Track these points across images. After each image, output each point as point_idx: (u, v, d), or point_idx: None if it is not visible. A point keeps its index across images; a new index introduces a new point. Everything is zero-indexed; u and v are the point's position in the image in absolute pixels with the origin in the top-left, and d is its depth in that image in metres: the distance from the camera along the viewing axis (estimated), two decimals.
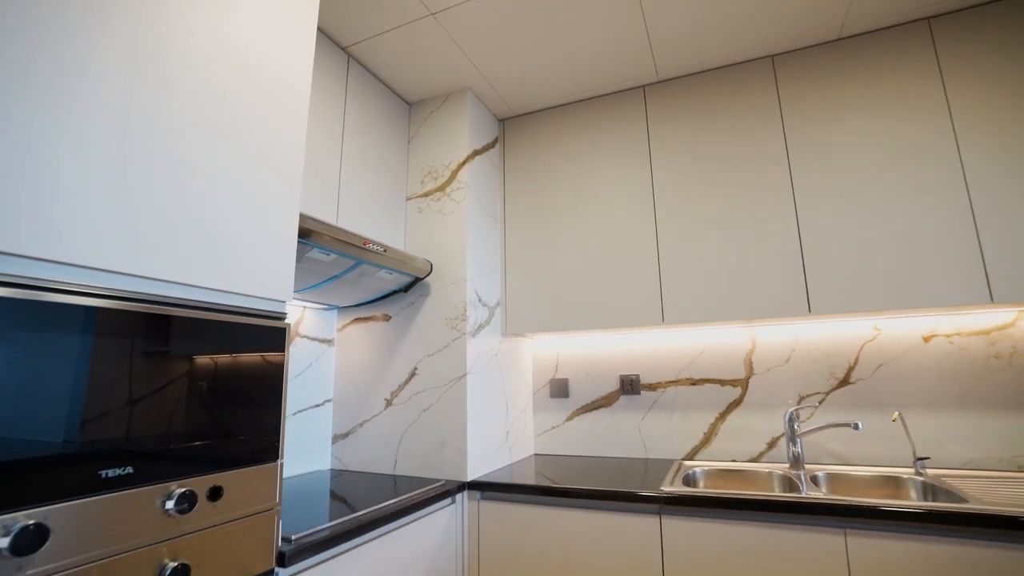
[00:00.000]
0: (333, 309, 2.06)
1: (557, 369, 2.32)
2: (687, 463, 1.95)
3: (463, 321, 1.86)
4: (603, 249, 2.01)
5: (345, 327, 2.05)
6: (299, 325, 1.88)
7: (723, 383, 2.04)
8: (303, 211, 1.48)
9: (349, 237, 1.46)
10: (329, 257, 1.48)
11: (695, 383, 2.08)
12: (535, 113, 2.25)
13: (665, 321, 1.87)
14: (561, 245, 2.09)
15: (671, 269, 1.89)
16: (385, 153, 1.99)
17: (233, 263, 1.00)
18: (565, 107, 2.20)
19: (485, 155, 2.15)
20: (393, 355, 1.95)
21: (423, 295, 1.95)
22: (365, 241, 1.52)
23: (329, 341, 2.02)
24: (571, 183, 2.12)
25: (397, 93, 2.09)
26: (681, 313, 1.85)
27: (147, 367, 0.83)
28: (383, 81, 2.01)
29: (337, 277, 1.64)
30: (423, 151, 2.09)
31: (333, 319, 2.05)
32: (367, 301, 2.00)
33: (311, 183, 1.64)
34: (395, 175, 2.04)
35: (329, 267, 1.54)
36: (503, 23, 1.69)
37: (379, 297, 1.98)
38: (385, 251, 1.62)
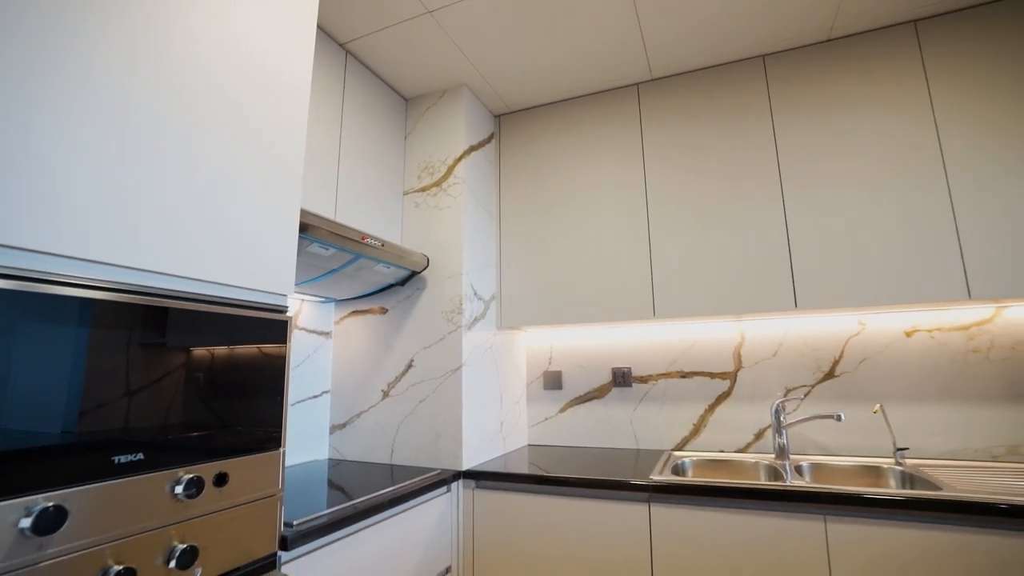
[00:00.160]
0: (330, 302, 2.09)
1: (551, 361, 2.37)
2: (677, 453, 2.00)
3: (459, 314, 1.90)
4: (596, 244, 2.05)
5: (342, 320, 2.08)
6: (297, 318, 1.91)
7: (712, 376, 2.09)
8: (303, 206, 1.51)
9: (348, 232, 1.49)
10: (328, 251, 1.51)
11: (685, 376, 2.13)
12: (531, 109, 2.28)
13: (656, 315, 1.91)
14: (555, 240, 2.12)
15: (663, 264, 1.93)
16: (382, 148, 2.02)
17: (237, 258, 1.04)
18: (560, 104, 2.23)
19: (481, 151, 2.18)
20: (390, 347, 1.98)
21: (420, 289, 1.99)
22: (363, 236, 1.56)
23: (327, 333, 2.05)
24: (565, 179, 2.15)
25: (394, 88, 2.11)
26: (672, 307, 1.90)
27: (155, 358, 0.86)
28: (380, 77, 2.03)
29: (336, 271, 1.67)
30: (420, 146, 2.12)
31: (331, 312, 2.09)
32: (364, 294, 2.03)
33: (310, 177, 1.66)
34: (392, 170, 2.07)
35: (328, 261, 1.58)
36: (499, 21, 1.72)
37: (376, 290, 2.01)
38: (383, 246, 1.65)
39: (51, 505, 0.69)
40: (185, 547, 0.86)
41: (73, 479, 0.73)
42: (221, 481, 0.95)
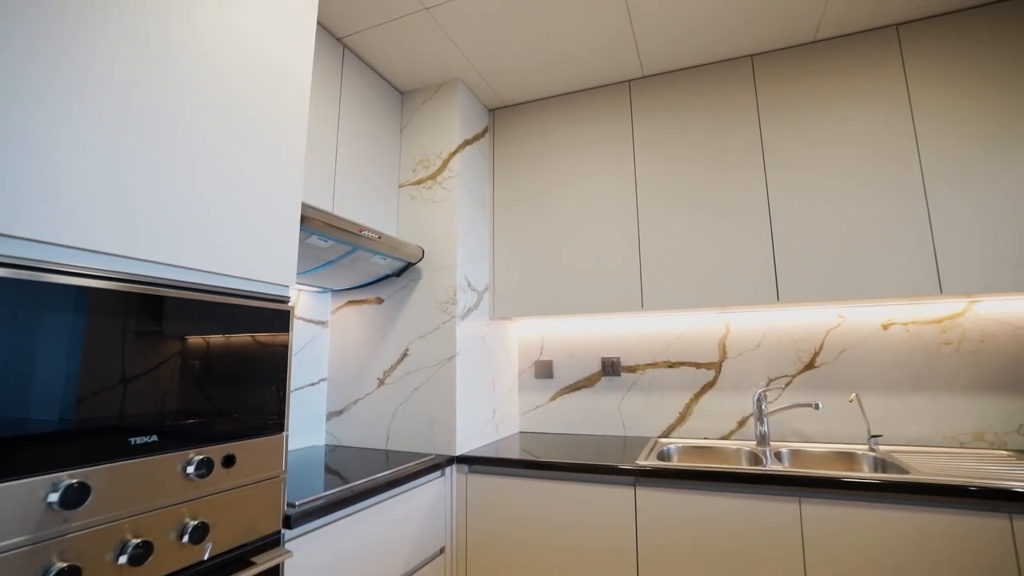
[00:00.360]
0: (327, 292, 2.14)
1: (542, 351, 2.43)
2: (663, 440, 2.08)
3: (453, 305, 1.95)
4: (587, 238, 2.11)
5: (339, 309, 2.13)
6: (295, 307, 1.95)
7: (698, 366, 2.16)
8: (302, 199, 1.54)
9: (346, 224, 1.53)
10: (327, 243, 1.55)
11: (672, 366, 2.20)
12: (524, 104, 2.32)
13: (645, 307, 1.98)
14: (547, 234, 2.18)
15: (651, 257, 1.99)
16: (379, 141, 2.05)
17: (241, 251, 1.08)
18: (554, 99, 2.27)
19: (475, 144, 2.22)
20: (385, 337, 2.03)
21: (415, 279, 2.04)
22: (361, 228, 1.60)
23: (323, 323, 2.10)
24: (558, 174, 2.20)
25: (390, 83, 2.14)
26: (660, 299, 1.96)
27: (166, 347, 0.91)
28: (377, 71, 2.06)
29: (333, 262, 1.71)
30: (415, 140, 2.16)
31: (327, 302, 2.13)
32: (360, 285, 2.07)
33: (309, 170, 1.70)
34: (388, 163, 2.10)
35: (326, 252, 1.62)
36: (494, 19, 1.75)
37: (372, 281, 2.06)
38: (379, 238, 1.69)
39: (75, 482, 0.74)
40: (196, 523, 0.92)
41: (94, 458, 0.78)
42: (229, 462, 1.00)
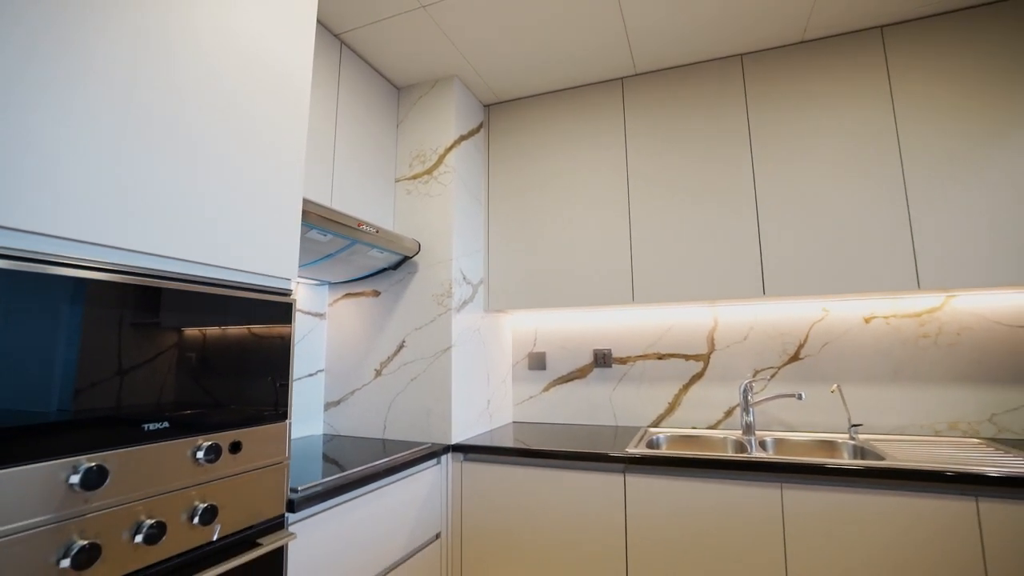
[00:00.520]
0: (324, 285, 2.17)
1: (535, 343, 2.48)
2: (652, 430, 2.14)
3: (448, 297, 2.00)
4: (579, 232, 2.15)
5: (336, 302, 2.17)
6: (296, 300, 1.99)
7: (687, 358, 2.22)
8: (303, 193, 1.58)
9: (345, 219, 1.57)
10: (326, 237, 1.59)
11: (662, 357, 2.26)
12: (519, 100, 2.35)
13: (635, 300, 2.03)
14: (541, 228, 2.22)
15: (642, 252, 2.04)
16: (376, 136, 2.08)
17: (247, 247, 1.12)
18: (548, 95, 2.31)
19: (471, 140, 2.25)
20: (382, 329, 2.08)
21: (411, 273, 2.08)
22: (359, 223, 1.64)
23: (321, 315, 2.14)
24: (552, 169, 2.24)
25: (387, 78, 2.17)
26: (650, 293, 2.01)
27: (176, 338, 0.95)
28: (373, 67, 2.09)
29: (332, 255, 1.75)
30: (411, 135, 2.19)
31: (324, 294, 2.17)
32: (358, 278, 2.11)
33: (308, 165, 1.73)
34: (385, 158, 2.13)
35: (325, 246, 1.66)
36: (490, 17, 1.79)
37: (369, 274, 2.09)
38: (377, 232, 1.73)
39: (94, 464, 0.78)
40: (206, 506, 0.96)
41: (111, 443, 0.83)
42: (235, 448, 1.05)
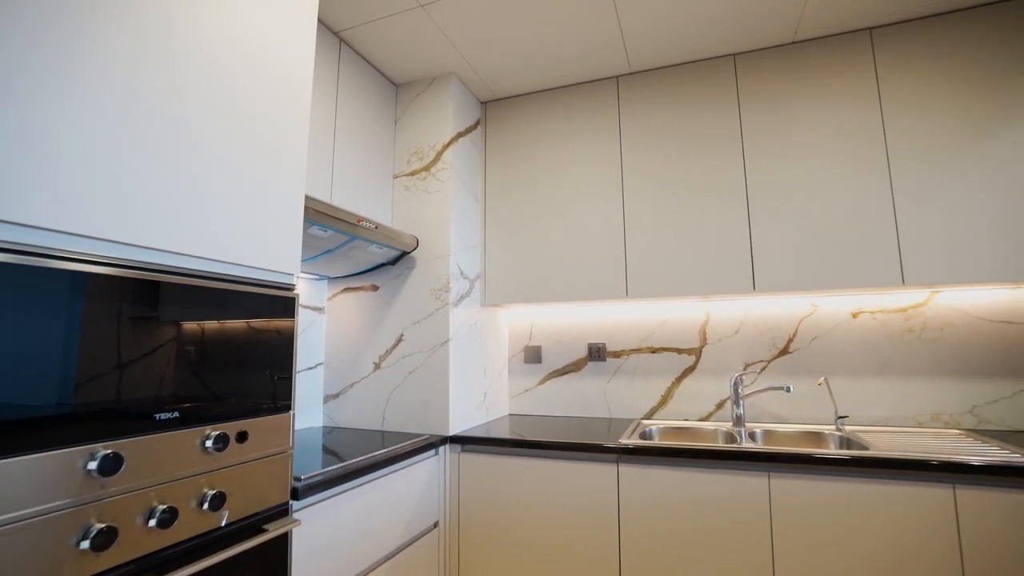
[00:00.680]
0: (324, 279, 2.20)
1: (531, 337, 2.52)
2: (645, 422, 2.19)
3: (446, 292, 2.03)
4: (575, 228, 2.19)
5: (335, 296, 2.20)
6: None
7: (680, 351, 2.27)
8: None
9: (345, 215, 1.60)
10: (326, 233, 1.62)
11: (655, 351, 2.31)
12: (516, 97, 2.38)
13: (629, 295, 2.07)
14: (537, 223, 2.26)
15: (636, 247, 2.09)
16: (374, 133, 2.11)
17: (252, 244, 1.15)
18: (544, 92, 2.34)
19: (468, 136, 2.28)
20: (381, 323, 2.11)
21: (409, 268, 2.11)
22: (359, 219, 1.67)
23: (320, 309, 2.17)
24: (548, 166, 2.28)
25: (385, 75, 2.19)
26: (644, 288, 2.06)
27: (183, 332, 0.98)
28: (372, 64, 2.11)
29: (332, 251, 1.78)
30: (409, 131, 2.22)
31: (324, 288, 2.20)
32: (357, 272, 2.14)
33: (309, 161, 1.76)
34: (383, 154, 2.16)
35: (325, 242, 1.69)
36: (487, 16, 1.81)
37: (368, 269, 2.13)
38: (376, 228, 1.76)
39: (111, 452, 0.82)
40: (214, 492, 1.00)
41: (125, 432, 0.86)
42: (242, 438, 1.08)
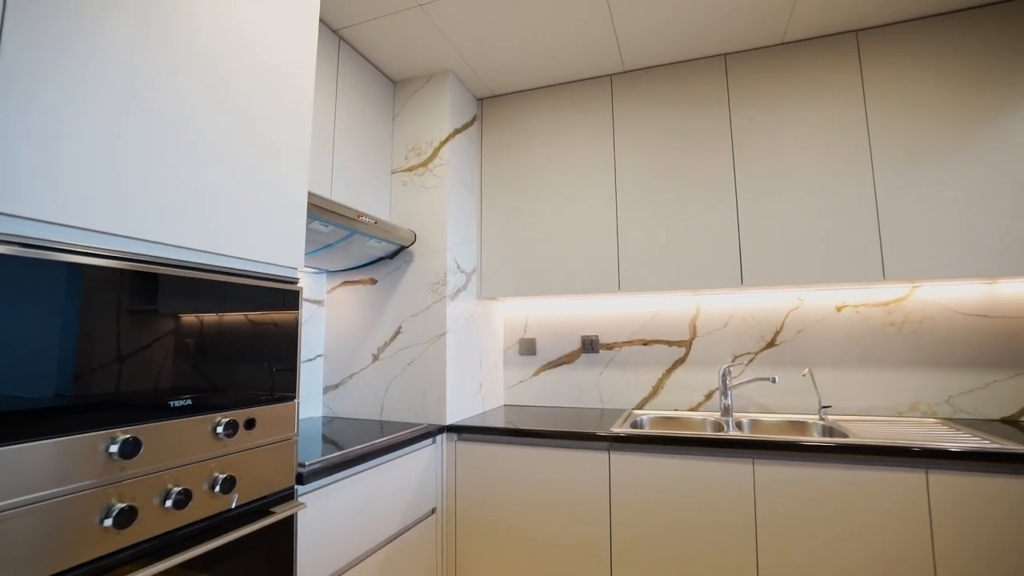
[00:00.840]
0: (323, 273, 2.25)
1: (526, 329, 2.58)
2: (636, 412, 2.26)
3: (443, 285, 2.08)
4: (568, 223, 2.24)
5: (334, 289, 2.24)
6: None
7: (670, 344, 2.33)
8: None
9: (345, 211, 1.65)
10: (327, 228, 1.67)
11: (646, 343, 2.37)
12: (512, 94, 2.42)
13: (621, 288, 2.13)
14: (532, 218, 2.31)
15: (628, 242, 2.14)
16: (373, 129, 2.15)
17: (259, 239, 1.20)
18: (540, 90, 2.38)
19: (464, 133, 2.32)
20: (379, 315, 2.16)
21: (407, 262, 2.16)
22: (359, 214, 1.71)
23: (319, 302, 2.21)
24: (542, 162, 2.32)
25: (383, 72, 2.23)
26: (635, 282, 2.12)
27: (195, 323, 1.03)
28: (370, 61, 2.14)
29: (332, 245, 1.82)
30: (407, 128, 2.25)
31: (323, 282, 2.24)
32: (355, 266, 2.19)
33: (309, 158, 1.79)
34: (381, 150, 2.20)
35: (326, 236, 1.73)
36: (484, 16, 1.85)
37: (367, 263, 2.17)
38: (376, 223, 1.81)
39: (130, 436, 0.87)
40: (225, 476, 1.05)
41: (143, 418, 0.91)
42: (250, 425, 1.14)
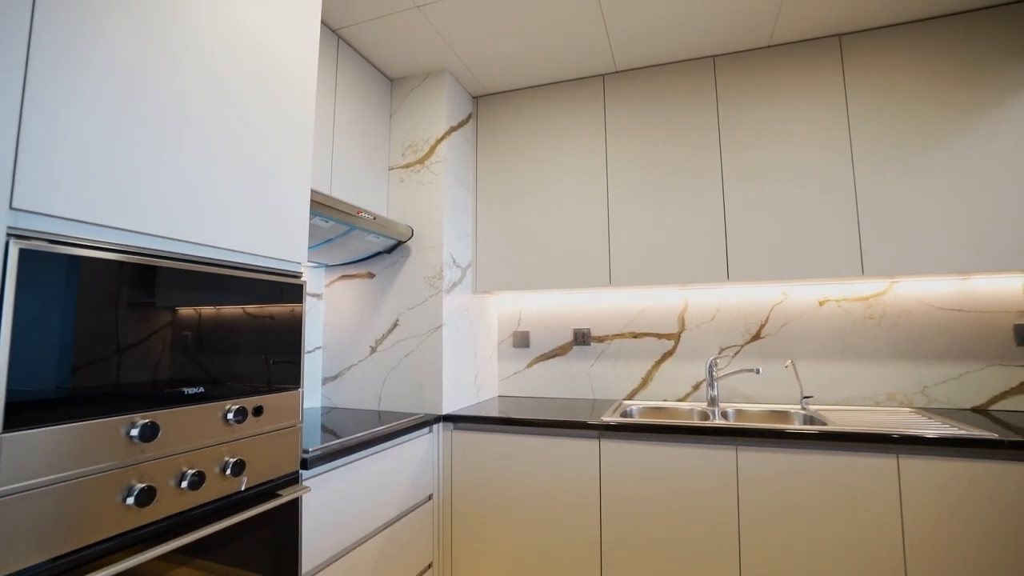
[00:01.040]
0: (322, 267, 2.30)
1: (520, 323, 2.65)
2: (627, 402, 2.33)
3: (439, 280, 2.14)
4: (562, 219, 2.31)
5: (332, 283, 2.30)
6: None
7: (660, 336, 2.41)
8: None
9: (345, 207, 1.70)
10: (328, 224, 1.72)
11: (637, 336, 2.44)
12: (507, 93, 2.48)
13: (612, 283, 2.20)
14: (526, 214, 2.37)
15: (619, 238, 2.21)
16: (371, 126, 2.20)
17: (266, 235, 1.25)
18: (534, 88, 2.43)
19: (460, 131, 2.37)
20: (377, 309, 2.22)
21: (404, 256, 2.21)
22: (359, 210, 1.77)
23: (318, 295, 2.27)
24: (536, 159, 2.38)
25: (380, 70, 2.27)
26: (626, 276, 2.18)
27: (206, 316, 1.09)
28: (368, 60, 2.19)
29: (331, 240, 1.88)
30: (404, 125, 2.30)
31: (322, 276, 2.30)
32: (354, 260, 2.24)
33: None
34: (379, 147, 2.25)
35: (326, 232, 1.78)
36: (480, 17, 1.90)
37: (365, 257, 2.22)
38: (374, 219, 1.86)
39: (149, 421, 0.93)
40: (235, 460, 1.11)
41: (160, 404, 0.97)
42: (258, 412, 1.19)
